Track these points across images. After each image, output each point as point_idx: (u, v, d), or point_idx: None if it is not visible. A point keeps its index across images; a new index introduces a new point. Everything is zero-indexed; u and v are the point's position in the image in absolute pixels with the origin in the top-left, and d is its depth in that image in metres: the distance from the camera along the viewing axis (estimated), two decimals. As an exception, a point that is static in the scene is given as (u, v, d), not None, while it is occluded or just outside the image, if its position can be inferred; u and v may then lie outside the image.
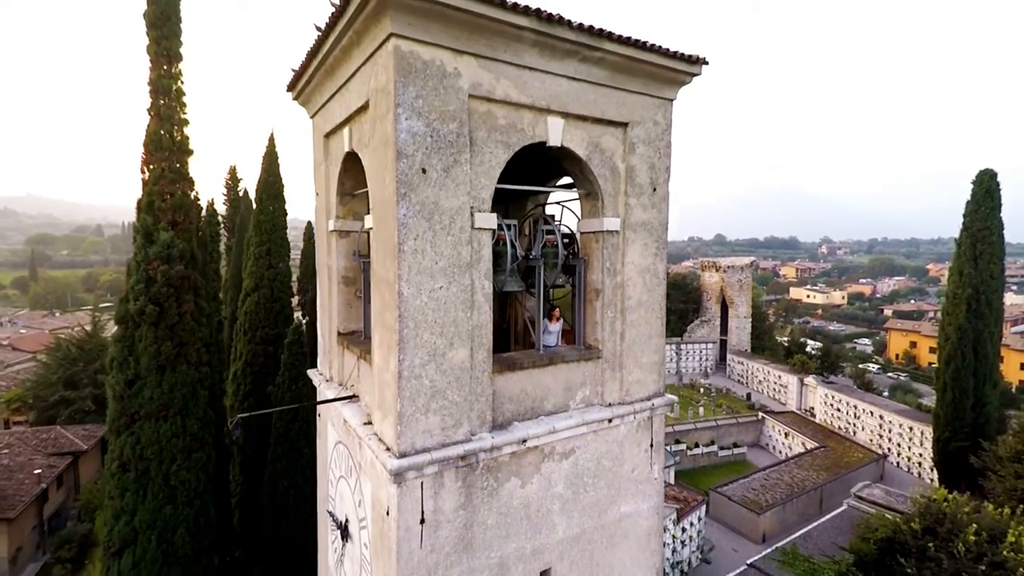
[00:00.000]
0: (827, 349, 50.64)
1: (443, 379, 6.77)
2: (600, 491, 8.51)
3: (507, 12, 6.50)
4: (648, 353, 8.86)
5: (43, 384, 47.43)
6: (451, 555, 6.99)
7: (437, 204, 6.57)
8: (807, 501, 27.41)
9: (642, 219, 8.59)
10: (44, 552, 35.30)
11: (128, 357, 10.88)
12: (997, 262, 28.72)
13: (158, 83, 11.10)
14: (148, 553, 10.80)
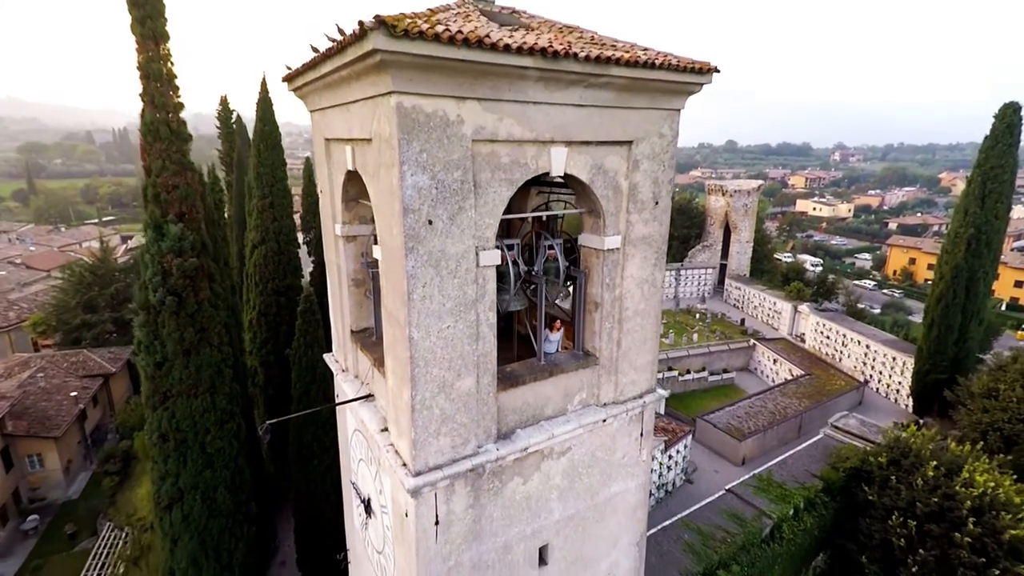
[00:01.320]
0: (823, 277, 51.28)
1: (452, 406, 7.44)
2: (593, 477, 9.54)
3: (512, 56, 6.28)
4: (643, 355, 9.46)
5: (63, 308, 48.97)
6: (462, 545, 8.12)
7: (444, 251, 6.81)
8: (787, 428, 29.65)
9: (643, 233, 8.75)
10: (91, 463, 38.82)
11: (154, 341, 11.57)
12: (1004, 201, 28.33)
13: (148, 68, 10.60)
14: (194, 508, 12.28)
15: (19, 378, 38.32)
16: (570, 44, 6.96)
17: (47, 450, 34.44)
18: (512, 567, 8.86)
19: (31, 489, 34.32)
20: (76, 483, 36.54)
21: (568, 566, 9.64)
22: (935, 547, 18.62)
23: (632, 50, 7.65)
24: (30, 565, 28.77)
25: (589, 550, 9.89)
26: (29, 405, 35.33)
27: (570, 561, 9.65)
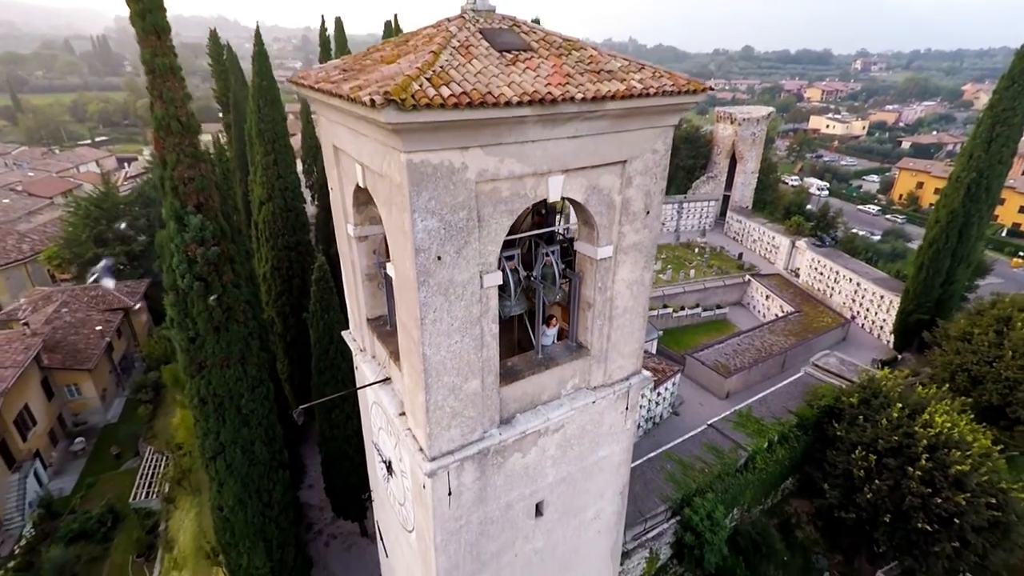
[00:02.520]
0: (824, 210, 51.12)
1: (461, 404, 8.63)
2: (583, 446, 11.00)
3: (513, 109, 6.70)
4: (629, 345, 10.53)
5: (74, 242, 49.76)
6: (471, 508, 9.70)
7: (452, 280, 7.63)
8: (771, 364, 31.54)
9: (634, 241, 9.46)
10: (123, 390, 41.70)
11: (185, 319, 12.64)
12: (1010, 146, 27.92)
13: (153, 63, 10.63)
14: (236, 459, 14.07)
15: (45, 312, 40.11)
16: (568, 85, 7.27)
17: (82, 380, 36.97)
18: (513, 520, 10.57)
19: (73, 415, 37.31)
20: (113, 409, 39.56)
21: (560, 516, 11.39)
22: (890, 478, 20.89)
23: (627, 78, 7.91)
24: (84, 482, 32.13)
25: (578, 502, 11.62)
26: (59, 339, 37.35)
27: (562, 512, 11.39)
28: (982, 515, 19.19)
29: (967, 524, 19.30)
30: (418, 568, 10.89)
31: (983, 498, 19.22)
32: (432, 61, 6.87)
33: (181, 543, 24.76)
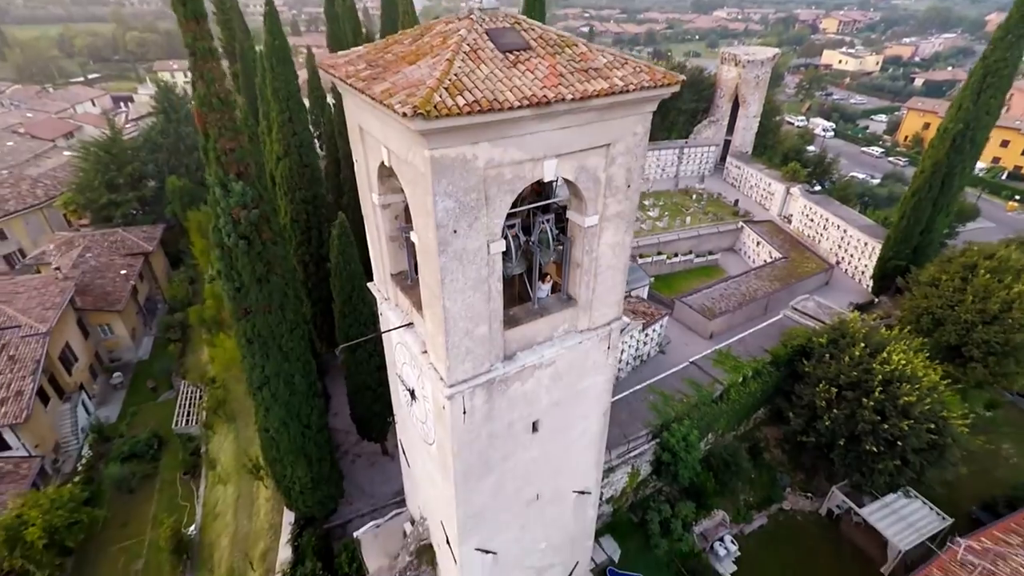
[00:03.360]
0: (822, 156, 51.41)
1: (473, 344, 10.72)
2: (572, 377, 13.23)
3: (515, 112, 8.27)
4: (611, 296, 12.49)
5: (87, 188, 50.85)
6: (481, 424, 12.05)
7: (465, 249, 9.48)
8: (754, 307, 33.68)
9: (616, 211, 11.19)
10: (151, 329, 44.49)
11: (231, 271, 14.54)
12: (998, 97, 28.50)
13: (195, 46, 11.83)
14: (279, 389, 16.48)
15: (71, 257, 42.11)
16: (560, 86, 8.76)
17: (113, 320, 39.61)
18: (514, 435, 12.99)
19: (108, 352, 40.24)
20: (143, 347, 42.51)
21: (552, 432, 13.84)
22: (847, 408, 23.61)
23: (611, 75, 9.34)
24: (127, 411, 35.47)
25: (567, 422, 14.03)
26: (88, 282, 39.57)
27: (554, 429, 13.82)
28: (922, 439, 21.98)
29: (908, 446, 22.14)
30: (438, 473, 13.47)
31: (925, 424, 21.93)
32: (448, 69, 8.34)
33: (223, 462, 28.09)
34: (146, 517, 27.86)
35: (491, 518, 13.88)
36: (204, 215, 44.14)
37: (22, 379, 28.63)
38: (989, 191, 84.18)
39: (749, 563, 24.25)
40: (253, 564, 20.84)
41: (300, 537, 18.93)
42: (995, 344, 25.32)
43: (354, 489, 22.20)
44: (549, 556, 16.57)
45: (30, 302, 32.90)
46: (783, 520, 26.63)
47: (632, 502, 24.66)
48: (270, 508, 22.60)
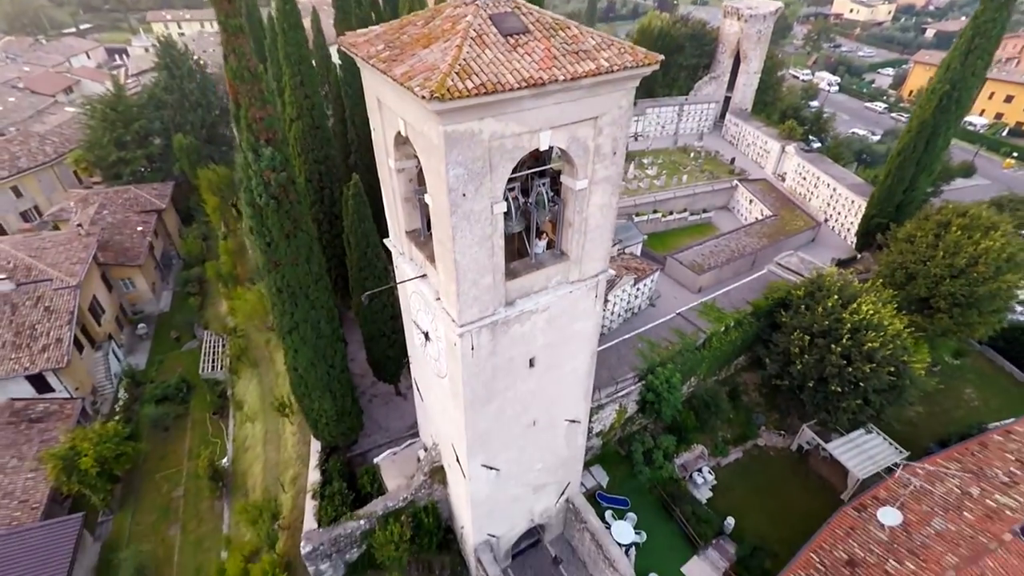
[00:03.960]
0: (818, 114, 51.64)
1: (479, 292, 12.53)
2: (563, 321, 15.13)
3: (515, 93, 9.72)
4: (599, 251, 14.20)
5: (96, 145, 51.58)
6: (486, 359, 14.05)
7: (472, 210, 11.12)
8: (742, 263, 35.32)
9: (604, 175, 12.74)
10: (167, 284, 46.44)
11: (262, 228, 16.16)
12: (985, 58, 29.06)
13: (227, 23, 12.97)
14: (307, 332, 18.45)
15: (88, 214, 43.49)
16: (554, 68, 10.15)
17: (134, 274, 41.50)
18: (514, 369, 15.02)
19: (131, 305, 42.34)
20: (163, 300, 44.60)
21: (547, 368, 15.88)
22: (817, 353, 25.74)
23: (598, 56, 10.70)
24: (155, 359, 37.93)
25: (560, 359, 16.05)
26: (108, 238, 41.19)
27: (548, 365, 15.85)
28: (882, 380, 24.20)
29: (870, 387, 24.41)
30: (450, 401, 15.62)
31: (885, 368, 24.09)
32: (457, 55, 9.73)
33: (249, 403, 30.64)
34: (181, 452, 30.69)
35: (494, 439, 16.16)
36: (214, 173, 45.31)
37: (59, 328, 30.79)
38: (988, 148, 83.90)
39: (724, 491, 27.05)
40: (284, 487, 23.56)
41: (327, 463, 21.46)
42: (960, 296, 27.14)
43: (371, 424, 24.66)
44: (544, 476, 19.04)
45: (58, 257, 34.64)
46: (757, 455, 29.33)
47: (620, 437, 27.24)
48: (296, 441, 25.18)
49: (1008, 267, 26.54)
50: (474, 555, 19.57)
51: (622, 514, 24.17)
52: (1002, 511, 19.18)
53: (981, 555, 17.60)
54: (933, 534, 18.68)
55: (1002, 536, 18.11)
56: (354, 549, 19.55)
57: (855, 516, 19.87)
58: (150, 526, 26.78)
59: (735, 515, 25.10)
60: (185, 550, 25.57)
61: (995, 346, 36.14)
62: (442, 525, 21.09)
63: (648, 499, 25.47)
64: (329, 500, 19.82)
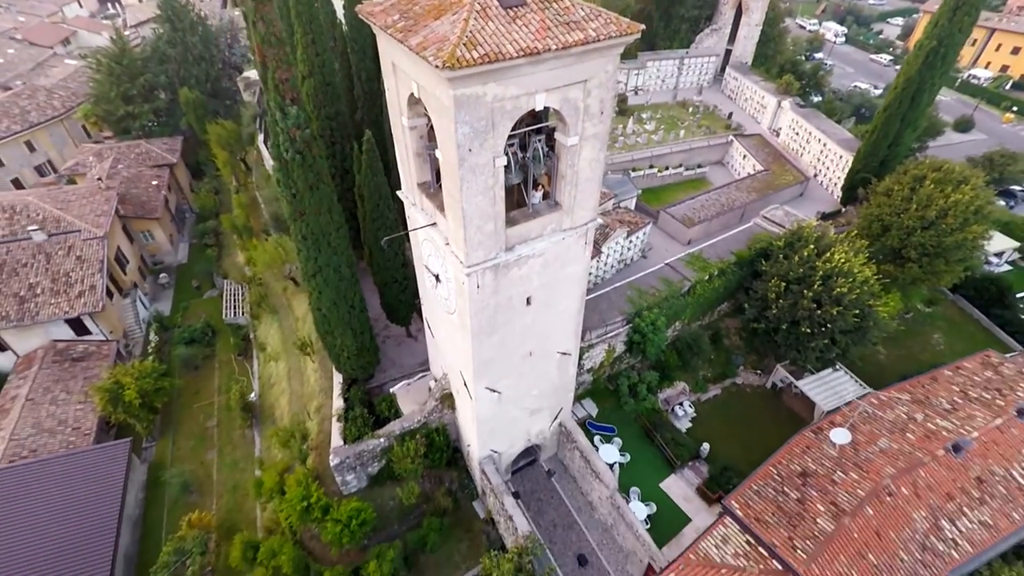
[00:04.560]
0: (816, 69, 51.62)
1: (483, 237, 14.43)
2: (556, 265, 17.10)
3: (514, 61, 11.29)
4: (588, 201, 15.99)
5: (103, 99, 52.03)
6: (489, 296, 16.13)
7: (477, 163, 12.86)
8: (731, 216, 36.87)
9: (592, 132, 14.37)
10: (183, 236, 48.20)
11: (288, 180, 17.83)
12: (973, 14, 29.56)
13: None
14: (329, 276, 20.46)
15: (103, 168, 44.72)
16: (547, 38, 11.64)
17: (153, 227, 43.25)
18: (514, 306, 17.11)
19: (151, 256, 44.30)
20: (180, 252, 46.50)
21: (542, 306, 17.98)
22: (791, 298, 27.85)
23: (587, 27, 12.14)
24: (179, 306, 40.24)
25: (553, 299, 18.13)
26: (125, 192, 42.62)
27: (543, 303, 17.96)
28: (848, 322, 26.43)
29: (836, 328, 26.67)
30: (458, 334, 17.84)
31: (852, 310, 26.26)
32: (464, 28, 11.22)
33: (271, 344, 33.13)
34: (211, 388, 33.47)
35: (496, 366, 18.50)
36: (223, 128, 46.16)
37: (92, 275, 32.89)
38: (989, 102, 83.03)
39: (702, 422, 29.85)
40: (310, 415, 26.29)
41: (348, 392, 24.04)
42: (929, 247, 28.97)
43: (386, 361, 27.12)
44: (539, 401, 21.58)
45: (83, 209, 36.31)
46: (735, 392, 32.00)
47: (609, 375, 29.79)
48: (318, 376, 27.73)
49: (975, 219, 28.26)
50: (479, 468, 22.43)
51: (609, 439, 27.02)
52: (940, 432, 21.81)
53: (916, 467, 20.32)
54: (878, 451, 21.37)
55: (936, 452, 20.79)
56: (375, 463, 22.39)
57: (811, 437, 22.54)
58: (189, 451, 29.83)
59: (711, 442, 27.94)
60: (222, 470, 28.68)
61: (967, 295, 38.29)
62: (450, 445, 23.89)
63: (632, 428, 28.27)
64: (352, 422, 22.49)
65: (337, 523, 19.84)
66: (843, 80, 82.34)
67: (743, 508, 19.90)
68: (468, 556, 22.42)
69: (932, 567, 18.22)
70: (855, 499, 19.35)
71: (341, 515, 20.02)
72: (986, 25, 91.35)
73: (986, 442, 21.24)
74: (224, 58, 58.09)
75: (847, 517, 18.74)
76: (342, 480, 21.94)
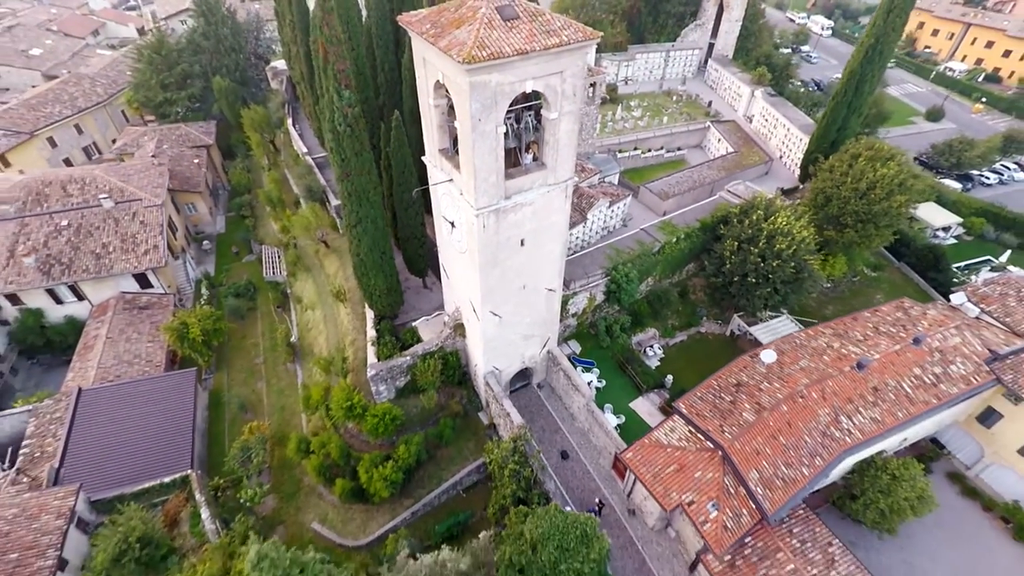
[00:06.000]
0: (787, 61, 56.05)
1: (488, 187, 19.47)
2: (543, 214, 22.12)
3: (510, 58, 16.27)
4: (567, 163, 20.99)
5: (143, 86, 56.75)
6: (492, 236, 21.18)
7: (485, 129, 17.88)
8: (701, 191, 41.70)
9: (568, 109, 19.35)
10: (220, 209, 53.20)
11: (339, 147, 22.83)
12: (903, 16, 34.15)
13: (323, 6, 19.14)
14: (367, 226, 25.54)
15: (149, 148, 49.66)
16: (533, 42, 16.59)
17: (197, 200, 48.31)
18: (511, 245, 22.15)
19: (194, 226, 49.41)
20: (218, 223, 51.55)
21: (533, 247, 23.01)
22: (741, 254, 32.91)
23: (561, 34, 17.08)
24: (222, 268, 45.44)
25: (541, 242, 23.17)
26: (171, 168, 47.55)
27: (533, 245, 23.01)
28: (787, 273, 31.51)
29: (777, 279, 31.75)
30: (468, 269, 22.93)
31: (790, 263, 31.32)
32: (477, 35, 16.18)
33: (307, 297, 38.36)
34: (256, 333, 38.79)
35: (497, 294, 23.62)
36: (255, 112, 50.96)
37: (154, 236, 38.03)
38: (962, 93, 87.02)
39: (669, 362, 35.05)
40: (346, 347, 31.59)
41: (379, 325, 29.31)
42: (862, 214, 33.91)
43: (407, 305, 32.19)
44: (531, 328, 26.77)
45: (141, 181, 41.34)
46: (698, 338, 37.20)
47: (591, 321, 34.99)
48: (351, 318, 32.94)
49: (899, 190, 33.15)
50: (483, 382, 27.74)
51: (588, 370, 32.30)
52: (849, 355, 26.97)
53: (825, 379, 25.51)
54: (798, 368, 26.57)
55: (843, 368, 26.00)
56: (402, 378, 27.69)
57: (748, 359, 27.71)
58: (242, 381, 35.21)
59: (674, 375, 33.19)
60: (270, 396, 34.07)
61: (909, 262, 43.28)
62: (461, 367, 29.18)
63: (609, 363, 33.51)
64: (384, 346, 27.77)
65: (374, 417, 25.18)
66: (827, 72, 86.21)
67: (688, 408, 25.19)
68: (474, 451, 27.79)
69: (828, 448, 23.49)
70: (774, 400, 24.62)
71: (377, 412, 25.35)
72: (962, 20, 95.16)
73: (884, 362, 26.40)
74: (251, 49, 62.60)
75: (766, 412, 24.02)
76: (375, 390, 27.26)
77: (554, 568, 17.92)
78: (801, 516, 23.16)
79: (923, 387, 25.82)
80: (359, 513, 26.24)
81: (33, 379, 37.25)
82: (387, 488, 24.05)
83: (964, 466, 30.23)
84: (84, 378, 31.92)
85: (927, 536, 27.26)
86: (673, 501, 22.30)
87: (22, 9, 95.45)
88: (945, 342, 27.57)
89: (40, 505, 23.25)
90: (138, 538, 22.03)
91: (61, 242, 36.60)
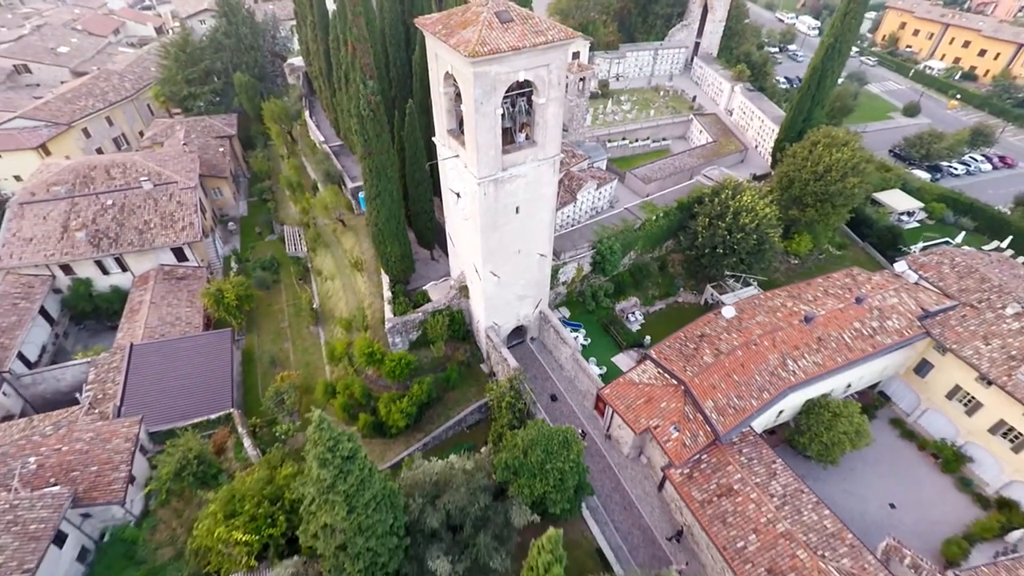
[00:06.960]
0: (764, 58, 59.80)
1: (488, 160, 23.37)
2: (535, 185, 26.04)
3: (506, 53, 20.20)
4: (555, 141, 24.89)
5: (170, 82, 60.64)
6: (492, 202, 25.11)
7: (486, 111, 21.80)
8: (681, 176, 45.50)
9: (555, 96, 23.26)
10: (241, 195, 57.10)
11: (363, 129, 26.73)
12: (857, 19, 37.94)
13: (353, 10, 23.03)
14: (385, 198, 29.42)
15: (178, 137, 53.54)
16: (524, 39, 20.50)
17: (223, 185, 52.24)
18: (507, 213, 26.04)
19: (219, 208, 53.36)
20: (241, 207, 55.44)
21: (526, 215, 26.93)
22: (711, 229, 36.87)
23: (547, 33, 20.99)
24: (247, 246, 49.40)
25: (534, 211, 27.06)
26: (199, 156, 51.45)
27: (526, 214, 26.92)
28: (750, 245, 35.46)
29: (742, 250, 35.71)
30: (472, 234, 26.80)
31: (753, 236, 35.27)
32: (479, 34, 20.08)
33: (327, 269, 42.33)
34: (281, 302, 42.78)
35: (496, 256, 27.53)
36: (275, 105, 54.84)
37: (190, 215, 41.98)
38: (939, 90, 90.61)
39: (649, 325, 39.00)
40: (364, 309, 35.59)
41: (394, 288, 33.32)
42: (820, 194, 37.82)
43: (417, 273, 36.28)
44: (525, 289, 30.72)
45: (176, 166, 45.27)
46: (676, 307, 41.15)
47: (579, 290, 38.96)
48: (368, 285, 36.90)
49: (852, 173, 37.03)
50: (484, 336, 31.74)
51: (576, 331, 36.31)
52: (800, 312, 30.93)
53: (777, 330, 29.49)
54: (755, 323, 30.55)
55: (793, 322, 29.98)
56: (414, 332, 31.71)
57: (712, 316, 31.69)
58: (270, 341, 39.22)
59: (652, 337, 37.17)
60: (296, 353, 38.10)
61: (873, 243, 47.18)
62: (465, 325, 33.19)
63: (595, 326, 37.49)
64: (399, 305, 31.77)
65: (392, 362, 29.20)
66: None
67: (658, 354, 29.19)
68: (476, 396, 31.78)
69: (775, 385, 27.47)
70: (731, 347, 28.62)
71: (394, 357, 29.38)
72: (941, 21, 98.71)
73: (829, 317, 30.37)
74: (268, 47, 66.38)
75: (723, 355, 28.03)
76: (392, 341, 31.28)
77: (541, 467, 21.93)
78: (751, 440, 27.17)
79: (861, 338, 29.79)
80: (378, 445, 30.28)
81: (81, 342, 41.23)
82: (403, 419, 28.09)
83: (905, 413, 34.23)
84: (133, 336, 35.93)
85: (867, 470, 31.27)
86: (642, 426, 26.34)
87: (47, 9, 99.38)
88: (884, 302, 31.53)
89: (111, 431, 27.31)
90: (195, 456, 26.06)
91: (108, 219, 40.56)
